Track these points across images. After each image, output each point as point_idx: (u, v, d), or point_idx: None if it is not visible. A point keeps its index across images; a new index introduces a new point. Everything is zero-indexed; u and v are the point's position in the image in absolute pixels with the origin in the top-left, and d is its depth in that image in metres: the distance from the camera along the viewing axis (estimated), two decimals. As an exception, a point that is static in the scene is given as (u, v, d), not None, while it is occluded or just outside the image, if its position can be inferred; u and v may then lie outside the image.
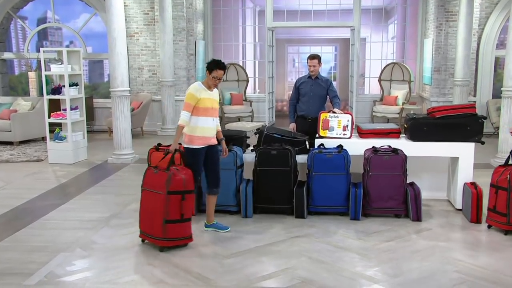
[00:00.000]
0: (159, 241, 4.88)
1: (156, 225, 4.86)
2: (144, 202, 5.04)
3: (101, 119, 12.49)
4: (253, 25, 16.36)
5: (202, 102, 5.12)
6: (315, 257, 4.76)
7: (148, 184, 5.00)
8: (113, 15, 8.54)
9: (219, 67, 5.18)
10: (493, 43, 11.70)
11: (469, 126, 6.02)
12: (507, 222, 5.28)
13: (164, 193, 4.78)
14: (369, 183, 5.79)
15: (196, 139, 5.16)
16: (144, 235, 5.06)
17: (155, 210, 4.86)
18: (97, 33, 13.25)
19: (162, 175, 4.84)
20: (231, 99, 12.96)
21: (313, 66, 6.74)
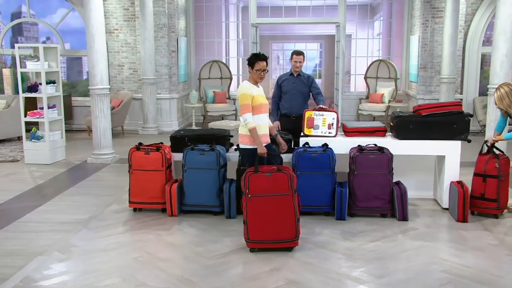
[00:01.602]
0: (292, 242, 4.90)
1: (288, 227, 4.83)
2: (260, 209, 4.83)
3: (80, 118, 12.38)
4: (236, 21, 16.34)
5: (255, 100, 5.19)
6: (300, 258, 4.78)
7: (261, 190, 4.82)
8: (91, 11, 8.46)
9: (260, 59, 5.21)
10: (479, 40, 11.85)
11: (456, 124, 6.09)
12: (497, 207, 5.77)
13: (291, 193, 4.80)
14: (355, 182, 5.82)
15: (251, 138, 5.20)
16: (259, 243, 4.91)
17: (284, 213, 4.82)
18: (75, 29, 13.12)
19: (280, 177, 4.81)
20: (214, 97, 12.94)
21: (299, 62, 6.75)
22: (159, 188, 6.02)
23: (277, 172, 4.83)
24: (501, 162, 5.77)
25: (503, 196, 5.81)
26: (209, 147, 5.98)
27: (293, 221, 4.82)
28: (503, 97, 5.66)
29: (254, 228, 4.87)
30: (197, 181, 5.91)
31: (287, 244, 4.89)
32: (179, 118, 12.82)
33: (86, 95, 11.64)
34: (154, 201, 6.07)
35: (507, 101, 5.65)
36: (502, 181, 5.76)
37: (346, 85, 14.95)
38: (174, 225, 5.74)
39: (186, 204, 6.01)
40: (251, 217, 4.86)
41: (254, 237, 4.89)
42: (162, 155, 6.03)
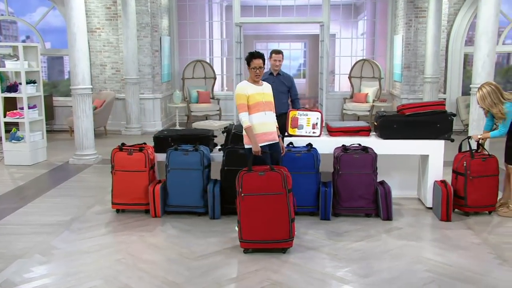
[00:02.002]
0: (286, 243, 4.87)
1: (281, 227, 4.82)
2: (253, 208, 4.82)
3: (62, 118, 12.25)
4: (220, 20, 16.31)
5: (252, 98, 5.17)
6: (284, 259, 4.79)
7: (254, 189, 4.81)
8: (73, 9, 8.39)
9: (254, 57, 5.23)
10: (461, 40, 11.97)
11: (439, 123, 6.15)
12: (464, 204, 5.87)
13: (284, 193, 4.78)
14: (339, 182, 5.85)
15: (256, 137, 5.17)
16: (253, 243, 4.89)
17: (277, 213, 4.81)
18: (56, 28, 12.98)
19: (273, 176, 4.80)
20: (198, 97, 12.91)
21: (279, 61, 6.80)
22: (142, 189, 5.99)
23: (271, 171, 4.83)
24: (477, 161, 5.81)
25: (476, 195, 5.82)
26: (192, 147, 5.97)
27: (287, 221, 4.81)
28: (485, 96, 5.73)
29: (247, 228, 4.86)
30: (180, 182, 5.89)
31: (281, 245, 4.88)
32: (163, 118, 12.77)
33: (67, 95, 11.53)
34: (137, 202, 6.04)
35: (489, 100, 5.72)
36: (471, 179, 5.81)
37: (331, 85, 15.02)
38: (157, 226, 5.72)
39: (169, 205, 5.99)
40: (244, 216, 4.85)
41: (248, 237, 4.88)
42: (145, 156, 6.00)
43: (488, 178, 5.87)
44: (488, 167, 5.87)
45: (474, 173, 5.83)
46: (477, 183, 5.84)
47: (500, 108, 5.68)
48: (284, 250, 4.90)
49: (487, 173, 5.86)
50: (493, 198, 5.96)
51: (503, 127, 5.76)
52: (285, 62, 7.05)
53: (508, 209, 5.95)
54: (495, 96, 5.70)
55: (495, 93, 5.71)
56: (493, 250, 4.97)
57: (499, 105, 5.69)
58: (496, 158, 5.92)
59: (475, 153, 5.96)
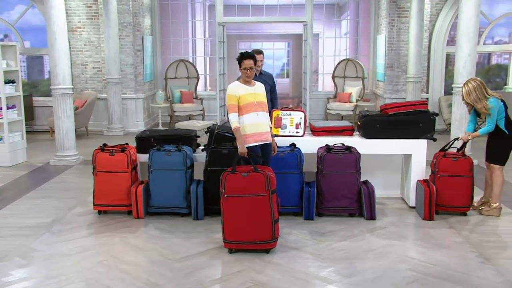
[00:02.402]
0: (268, 244, 4.86)
1: (264, 229, 4.81)
2: (235, 209, 4.81)
3: (42, 119, 12.12)
4: (203, 20, 16.28)
5: (243, 99, 5.17)
6: (268, 259, 4.79)
7: (237, 190, 4.80)
8: (52, 8, 8.30)
9: (245, 57, 5.22)
10: (443, 39, 12.09)
11: (421, 123, 6.21)
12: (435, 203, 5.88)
13: (267, 194, 4.76)
14: (323, 182, 5.87)
15: (248, 137, 5.17)
16: (236, 244, 4.89)
17: (260, 214, 4.79)
18: (35, 26, 12.82)
19: (257, 177, 4.78)
20: (181, 97, 12.86)
21: (260, 61, 6.88)
22: (125, 190, 5.95)
23: (254, 172, 4.83)
24: (447, 160, 5.88)
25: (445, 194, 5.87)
26: (175, 147, 5.94)
27: (269, 222, 4.81)
28: (471, 91, 5.80)
29: (230, 228, 4.86)
30: (163, 183, 5.86)
31: (264, 246, 4.88)
32: (145, 118, 12.70)
33: (48, 95, 11.41)
34: (120, 203, 6.00)
35: (474, 95, 5.78)
36: (439, 177, 5.89)
37: (314, 85, 15.07)
38: (140, 227, 5.69)
39: (152, 206, 5.96)
40: (227, 217, 4.85)
41: (231, 238, 4.88)
42: (127, 156, 5.96)
43: (458, 178, 5.88)
44: (459, 167, 5.88)
45: (442, 171, 5.90)
46: (445, 182, 5.90)
47: (484, 103, 5.76)
48: (268, 251, 4.90)
49: (457, 173, 5.88)
50: (465, 199, 5.94)
51: (490, 122, 5.80)
52: (269, 62, 7.12)
53: (489, 207, 6.02)
54: (480, 92, 5.77)
55: (480, 89, 5.78)
56: (475, 249, 5.03)
57: (484, 100, 5.76)
58: (469, 160, 5.91)
59: (448, 152, 6.03)
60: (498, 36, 13.92)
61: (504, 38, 13.98)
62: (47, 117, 11.64)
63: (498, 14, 12.42)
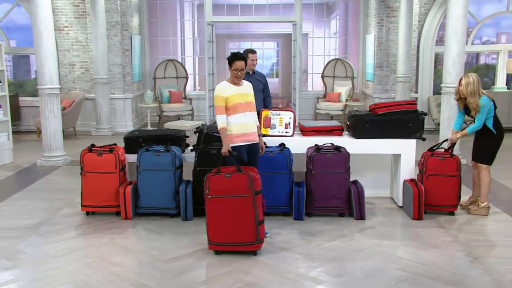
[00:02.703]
0: (252, 246, 4.81)
1: (247, 230, 4.76)
2: (219, 210, 4.78)
3: (29, 119, 12.02)
4: (192, 19, 16.24)
5: (231, 100, 5.12)
6: (257, 259, 4.79)
7: (220, 191, 4.77)
8: (38, 7, 8.23)
9: (237, 58, 5.16)
10: (432, 39, 12.16)
11: (410, 122, 6.24)
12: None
13: (251, 195, 4.72)
14: (312, 182, 5.88)
15: (234, 137, 5.14)
16: (221, 245, 4.86)
17: (243, 215, 4.75)
18: (21, 25, 12.72)
19: (240, 178, 4.75)
20: (169, 97, 12.82)
21: (255, 60, 6.94)
22: (113, 191, 5.91)
23: (237, 173, 4.81)
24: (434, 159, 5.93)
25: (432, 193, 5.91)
26: (164, 148, 5.92)
27: (253, 223, 4.78)
28: (470, 83, 5.82)
29: (214, 230, 4.84)
30: (152, 183, 5.84)
31: (248, 247, 4.85)
32: (134, 118, 12.64)
33: (34, 95, 11.31)
34: (108, 204, 5.97)
35: (471, 88, 5.81)
36: (427, 177, 5.94)
37: (304, 84, 15.10)
38: (128, 228, 5.66)
39: (141, 207, 5.93)
40: (211, 218, 4.83)
41: (215, 239, 4.86)
42: (115, 157, 5.93)
43: (445, 178, 5.92)
44: (447, 167, 5.93)
45: (430, 171, 5.95)
46: (433, 182, 5.94)
47: (476, 99, 5.80)
48: (254, 253, 4.88)
49: (444, 173, 5.93)
50: (452, 199, 5.98)
51: (479, 120, 5.84)
52: (259, 61, 7.17)
53: (478, 207, 6.07)
54: (477, 86, 5.83)
55: (477, 84, 5.84)
56: (464, 248, 5.06)
57: (477, 96, 5.81)
58: (456, 159, 5.95)
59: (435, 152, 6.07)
60: (486, 36, 14.05)
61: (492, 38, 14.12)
62: (34, 117, 11.54)
63: (485, 14, 12.53)
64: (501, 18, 13.01)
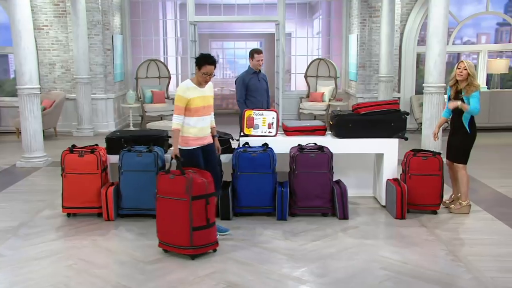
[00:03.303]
0: (186, 250, 4.75)
1: (182, 234, 4.71)
2: (162, 210, 4.80)
3: (8, 120, 11.88)
4: (174, 19, 16.19)
5: (192, 103, 5.00)
6: (241, 260, 4.78)
7: (164, 192, 4.77)
8: (16, 5, 8.12)
9: (209, 62, 5.03)
10: (414, 39, 12.27)
11: (393, 122, 6.28)
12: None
13: (187, 199, 4.64)
14: (295, 182, 5.89)
15: (191, 140, 5.08)
16: (165, 245, 4.85)
17: (178, 218, 4.69)
18: (-1, 24, 12.55)
19: (180, 180, 4.68)
20: (152, 97, 12.74)
21: (262, 60, 7.10)
22: (94, 192, 5.86)
23: (180, 175, 4.74)
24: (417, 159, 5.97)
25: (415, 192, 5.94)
26: (146, 148, 5.89)
27: (187, 229, 4.69)
28: (471, 66, 5.87)
29: (160, 229, 4.88)
30: (134, 184, 5.80)
31: (185, 251, 4.78)
32: (116, 119, 12.55)
33: (14, 95, 11.16)
34: (89, 206, 5.91)
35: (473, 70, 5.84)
36: (410, 176, 5.98)
37: (287, 84, 15.12)
38: (110, 229, 5.62)
39: (123, 208, 5.89)
40: (158, 217, 4.89)
41: (162, 238, 4.89)
42: (97, 158, 5.88)
43: (427, 177, 5.97)
44: (429, 166, 5.98)
45: (413, 170, 6.00)
46: (416, 181, 5.98)
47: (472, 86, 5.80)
48: (192, 257, 4.78)
49: (427, 172, 5.98)
50: (435, 198, 6.03)
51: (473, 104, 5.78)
52: (241, 61, 7.19)
53: (460, 205, 6.13)
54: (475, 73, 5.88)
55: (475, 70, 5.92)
56: (446, 247, 5.12)
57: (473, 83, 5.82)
58: (438, 159, 6.01)
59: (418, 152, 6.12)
60: (466, 37, 14.21)
61: (472, 39, 14.29)
62: (13, 118, 11.40)
63: (466, 15, 12.67)
64: (481, 18, 13.18)
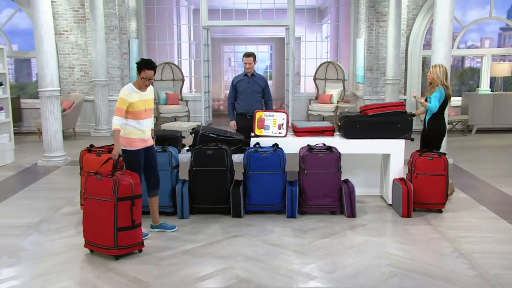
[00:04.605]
0: (111, 251, 4.66)
1: (106, 234, 4.63)
2: (89, 211, 4.74)
3: (30, 120, 11.99)
4: (188, 23, 16.23)
5: (134, 106, 4.98)
6: (252, 256, 4.78)
7: (91, 192, 4.72)
8: (39, 11, 8.20)
9: (147, 67, 4.98)
10: (420, 43, 12.20)
11: (399, 123, 6.25)
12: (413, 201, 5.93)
13: (112, 200, 4.58)
14: (305, 181, 5.88)
15: (134, 142, 5.05)
16: (91, 245, 4.79)
17: (104, 219, 4.63)
18: (23, 30, 12.67)
19: (108, 182, 4.63)
20: (166, 99, 12.79)
21: (249, 64, 6.91)
22: (111, 190, 5.87)
23: (108, 176, 4.69)
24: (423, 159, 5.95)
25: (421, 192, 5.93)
26: (161, 148, 5.90)
27: (111, 229, 4.60)
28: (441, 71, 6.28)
29: (86, 229, 4.79)
30: (149, 182, 5.81)
31: (109, 251, 4.69)
32: (132, 119, 12.57)
33: (36, 97, 11.27)
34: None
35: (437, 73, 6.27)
36: (416, 176, 5.96)
37: (296, 86, 15.11)
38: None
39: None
40: (85, 218, 4.79)
41: (87, 238, 4.80)
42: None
43: (433, 176, 5.94)
44: (435, 166, 5.95)
45: (419, 170, 5.97)
46: (422, 180, 5.95)
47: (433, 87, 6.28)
48: (116, 257, 4.71)
49: (433, 172, 5.94)
50: (440, 197, 6.00)
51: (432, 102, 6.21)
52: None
53: None
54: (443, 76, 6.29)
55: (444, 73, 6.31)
56: (451, 244, 5.08)
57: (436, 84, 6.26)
58: (444, 159, 5.97)
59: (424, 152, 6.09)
60: (470, 41, 14.11)
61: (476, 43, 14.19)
62: (35, 119, 11.51)
63: (470, 19, 12.58)
64: (485, 24, 13.09)
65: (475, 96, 12.02)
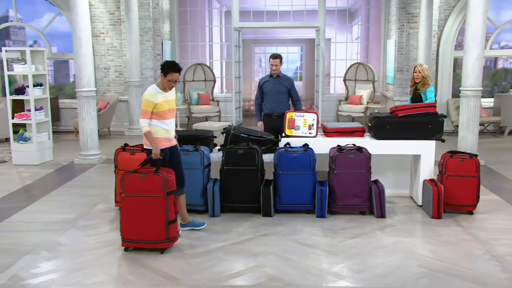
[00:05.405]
0: (161, 244, 4.78)
1: (158, 228, 4.74)
2: (131, 208, 4.78)
3: (67, 120, 12.24)
4: (219, 25, 16.31)
5: (159, 107, 5.06)
6: (282, 255, 4.78)
7: (133, 190, 4.75)
8: (78, 15, 8.38)
9: (174, 70, 5.07)
10: (451, 44, 11.97)
11: (430, 124, 6.15)
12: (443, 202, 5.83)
13: (163, 195, 4.70)
14: (335, 181, 5.84)
15: (160, 141, 5.11)
16: (130, 242, 4.85)
17: (153, 214, 4.73)
18: (62, 33, 12.96)
19: (154, 178, 4.72)
20: (198, 99, 12.89)
21: (275, 65, 6.91)
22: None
23: (153, 174, 4.74)
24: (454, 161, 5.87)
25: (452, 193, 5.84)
26: (193, 147, 5.95)
27: (163, 223, 4.72)
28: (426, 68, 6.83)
29: (127, 227, 4.81)
30: (182, 181, 5.86)
31: (158, 245, 4.78)
32: (165, 119, 12.71)
33: (73, 97, 11.50)
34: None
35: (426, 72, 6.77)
36: (447, 177, 5.87)
37: (326, 87, 15.01)
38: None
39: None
40: (124, 216, 4.80)
41: (128, 236, 4.82)
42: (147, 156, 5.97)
43: (464, 178, 5.84)
44: (466, 168, 5.85)
45: (450, 171, 5.87)
46: (452, 182, 5.85)
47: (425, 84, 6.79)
48: (162, 251, 4.80)
49: (464, 174, 5.84)
50: (471, 198, 5.89)
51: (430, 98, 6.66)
52: (283, 65, 7.11)
53: None
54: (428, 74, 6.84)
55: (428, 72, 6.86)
56: (482, 246, 4.97)
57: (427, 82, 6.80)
58: (475, 161, 5.87)
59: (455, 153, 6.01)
60: (504, 41, 13.74)
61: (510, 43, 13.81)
62: (72, 118, 11.74)
63: (504, 19, 12.27)
64: (520, 23, 12.74)
65: (508, 97, 11.71)
